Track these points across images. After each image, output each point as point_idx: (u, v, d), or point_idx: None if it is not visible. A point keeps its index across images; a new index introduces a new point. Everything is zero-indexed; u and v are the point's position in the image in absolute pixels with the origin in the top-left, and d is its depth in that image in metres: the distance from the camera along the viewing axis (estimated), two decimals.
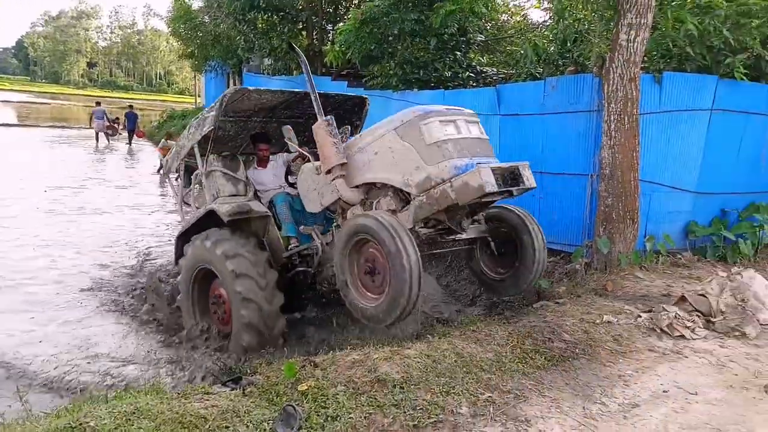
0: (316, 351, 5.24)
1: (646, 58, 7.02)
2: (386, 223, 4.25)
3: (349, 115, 6.69)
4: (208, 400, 3.48)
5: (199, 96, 37.28)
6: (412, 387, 3.65)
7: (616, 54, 6.27)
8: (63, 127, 30.91)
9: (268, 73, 19.63)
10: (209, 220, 5.88)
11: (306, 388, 3.58)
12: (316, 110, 5.15)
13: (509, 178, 4.55)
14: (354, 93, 12.10)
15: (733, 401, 3.80)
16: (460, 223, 4.96)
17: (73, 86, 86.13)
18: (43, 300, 7.39)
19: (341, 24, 13.08)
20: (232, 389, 3.74)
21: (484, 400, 3.62)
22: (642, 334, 4.80)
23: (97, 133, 25.20)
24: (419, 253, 4.19)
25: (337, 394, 3.52)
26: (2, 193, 13.30)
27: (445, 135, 4.54)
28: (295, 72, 17.92)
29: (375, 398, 3.52)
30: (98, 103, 27.05)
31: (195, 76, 38.10)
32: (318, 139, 4.99)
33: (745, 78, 6.95)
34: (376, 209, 4.92)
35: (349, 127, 5.98)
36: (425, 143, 4.53)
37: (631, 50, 6.23)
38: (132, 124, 25.37)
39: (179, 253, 6.26)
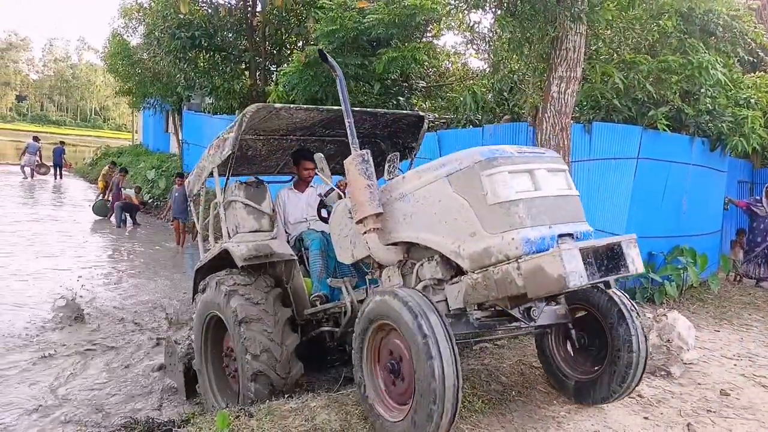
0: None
1: (576, 109, 7.42)
2: (414, 306, 3.13)
3: (404, 136, 5.73)
4: None
5: (136, 133, 36.41)
6: None
7: (548, 104, 6.60)
8: None
9: (209, 112, 19.45)
10: (227, 257, 5.04)
11: None
12: (350, 140, 4.13)
13: (605, 260, 3.33)
14: None
15: None
16: (529, 311, 3.69)
17: (1, 120, 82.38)
18: None
19: (285, 65, 13.17)
20: None
21: None
22: None
23: (23, 167, 24.58)
24: (458, 354, 3.05)
25: None
26: None
27: (516, 192, 3.32)
28: (237, 111, 17.82)
29: None
30: (36, 138, 26.34)
31: (132, 113, 37.26)
32: (349, 179, 3.97)
33: (667, 129, 7.44)
34: (417, 276, 3.82)
35: (398, 155, 4.54)
36: (487, 202, 3.33)
37: (562, 101, 6.58)
38: (59, 159, 25.65)
39: (196, 289, 5.44)
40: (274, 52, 18.36)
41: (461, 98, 10.29)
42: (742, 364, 5.55)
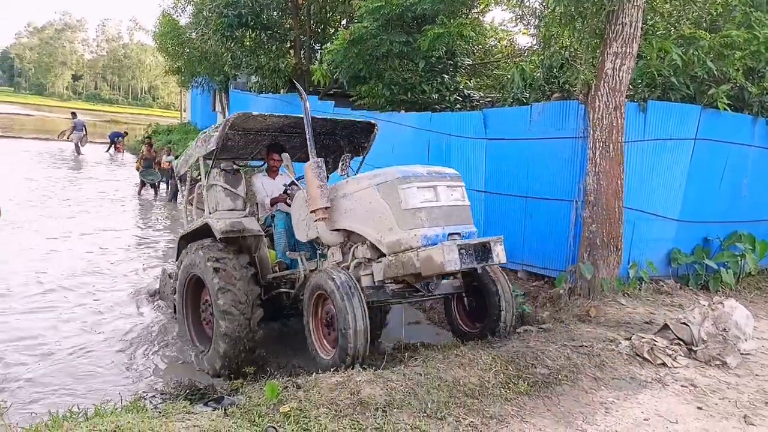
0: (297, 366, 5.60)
1: (631, 87, 7.13)
2: (339, 283, 4.53)
3: (358, 138, 6.87)
4: (189, 419, 3.38)
5: (184, 111, 37.12)
6: (394, 410, 3.59)
7: (602, 82, 6.35)
8: (47, 139, 30.52)
9: (254, 91, 19.61)
10: (207, 229, 6.17)
11: (288, 409, 3.51)
12: (309, 150, 5.35)
13: (479, 252, 4.65)
14: (343, 113, 12.16)
15: (713, 431, 3.78)
16: (428, 285, 5.00)
17: (58, 98, 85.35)
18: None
19: (329, 44, 13.14)
20: (214, 409, 3.66)
21: (467, 425, 3.57)
22: (624, 361, 4.78)
23: (77, 144, 25.80)
24: (368, 316, 4.46)
25: (320, 417, 3.45)
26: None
27: (421, 202, 4.66)
28: (281, 90, 17.93)
29: (357, 421, 3.45)
30: (75, 114, 27.81)
31: (181, 92, 37.95)
32: (306, 179, 5.17)
33: (728, 108, 7.07)
34: (353, 255, 5.16)
35: (350, 155, 5.86)
36: (401, 207, 4.66)
37: (617, 79, 6.32)
38: (114, 138, 27.67)
39: (180, 252, 6.62)
40: (319, 30, 18.33)
41: (508, 75, 10.06)
42: None
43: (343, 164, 5.56)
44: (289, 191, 6.25)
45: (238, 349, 5.52)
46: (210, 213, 6.29)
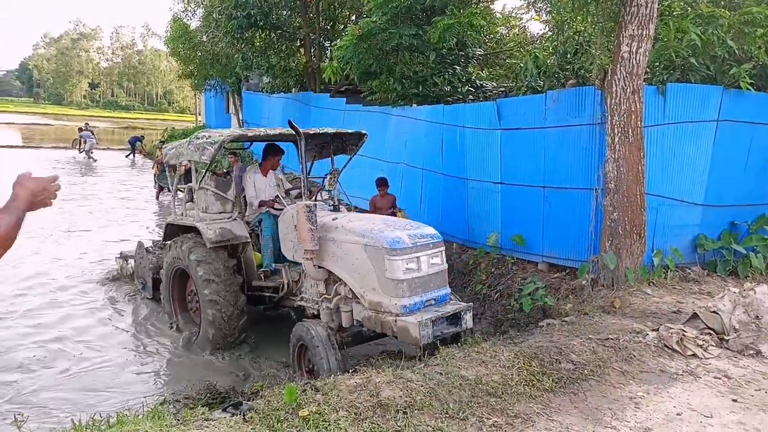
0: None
1: (648, 70, 6.93)
2: (315, 336, 5.08)
3: (348, 144, 7.31)
4: (208, 427, 3.33)
5: (199, 115, 37.34)
6: (415, 412, 3.50)
7: (618, 66, 6.17)
8: (65, 148, 30.97)
9: (266, 91, 19.62)
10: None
11: (307, 413, 3.42)
12: (303, 192, 5.92)
13: (451, 320, 5.09)
14: (355, 109, 12.09)
15: (750, 424, 3.63)
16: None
17: (76, 107, 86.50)
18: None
19: (339, 40, 13.04)
20: (233, 415, 3.58)
21: (491, 425, 3.46)
22: (652, 353, 4.63)
23: (87, 152, 26.91)
24: (340, 358, 4.99)
25: (339, 420, 3.36)
26: None
27: (404, 273, 4.98)
28: (293, 89, 17.90)
29: (378, 424, 3.36)
30: (86, 125, 29.47)
31: (195, 95, 38.20)
32: (298, 220, 5.45)
33: (750, 88, 6.84)
34: (336, 291, 5.52)
35: (339, 170, 6.62)
36: (385, 275, 4.99)
37: (634, 62, 6.13)
38: (133, 142, 28.84)
39: (166, 236, 7.26)
40: (328, 27, 18.27)
41: (521, 64, 9.87)
42: None
43: (331, 179, 6.29)
44: (277, 201, 6.56)
45: (226, 333, 6.22)
46: (201, 211, 6.67)
